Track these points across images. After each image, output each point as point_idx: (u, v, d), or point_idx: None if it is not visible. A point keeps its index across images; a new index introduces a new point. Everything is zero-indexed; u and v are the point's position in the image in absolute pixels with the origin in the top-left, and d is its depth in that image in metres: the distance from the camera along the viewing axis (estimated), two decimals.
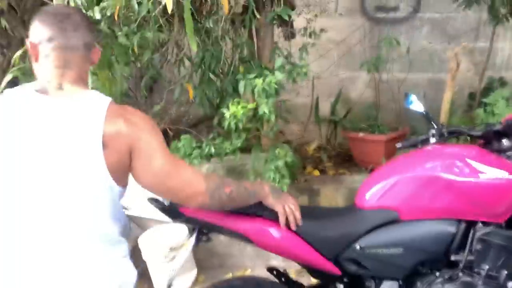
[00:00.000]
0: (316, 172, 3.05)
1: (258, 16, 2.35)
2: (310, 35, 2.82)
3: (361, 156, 3.12)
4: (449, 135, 1.76)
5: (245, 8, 2.47)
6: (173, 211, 1.41)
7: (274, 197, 1.40)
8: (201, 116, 3.27)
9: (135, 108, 1.20)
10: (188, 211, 1.39)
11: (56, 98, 1.11)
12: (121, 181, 1.15)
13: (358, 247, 1.47)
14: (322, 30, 2.85)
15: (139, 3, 2.05)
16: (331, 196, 2.75)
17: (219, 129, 2.65)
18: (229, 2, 2.25)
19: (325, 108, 3.47)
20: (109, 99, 1.14)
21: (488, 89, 3.34)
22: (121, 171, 1.13)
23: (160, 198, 1.40)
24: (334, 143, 3.50)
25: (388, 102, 3.40)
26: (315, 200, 2.75)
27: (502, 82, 3.40)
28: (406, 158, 1.67)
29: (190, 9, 2.09)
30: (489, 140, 1.64)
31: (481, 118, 2.76)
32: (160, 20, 2.18)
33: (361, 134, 3.10)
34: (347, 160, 3.29)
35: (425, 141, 1.77)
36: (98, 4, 2.09)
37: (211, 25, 2.25)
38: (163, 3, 1.95)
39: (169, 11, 1.97)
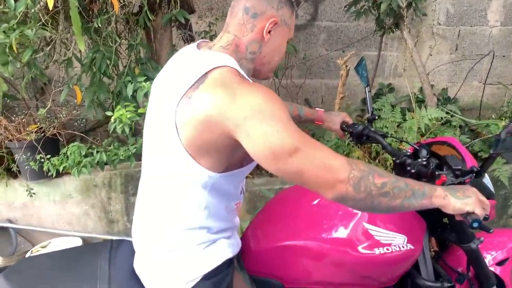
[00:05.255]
0: None
1: (151, 17, 2.26)
2: (211, 39, 2.81)
3: None
4: (367, 140, 1.60)
5: (142, 8, 2.38)
6: None
7: (456, 197, 1.06)
8: (100, 120, 3.09)
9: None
10: None
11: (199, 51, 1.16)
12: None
13: None
14: None
15: None
16: None
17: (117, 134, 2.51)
18: (120, 1, 2.15)
19: None
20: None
21: (379, 95, 3.60)
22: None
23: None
24: None
25: None
26: None
27: (390, 88, 3.69)
28: (295, 213, 1.39)
29: (78, 7, 1.96)
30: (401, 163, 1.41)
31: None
32: (44, 17, 2.01)
33: None
34: None
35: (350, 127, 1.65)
36: None
37: (100, 25, 2.11)
38: None
39: (50, 7, 1.83)
